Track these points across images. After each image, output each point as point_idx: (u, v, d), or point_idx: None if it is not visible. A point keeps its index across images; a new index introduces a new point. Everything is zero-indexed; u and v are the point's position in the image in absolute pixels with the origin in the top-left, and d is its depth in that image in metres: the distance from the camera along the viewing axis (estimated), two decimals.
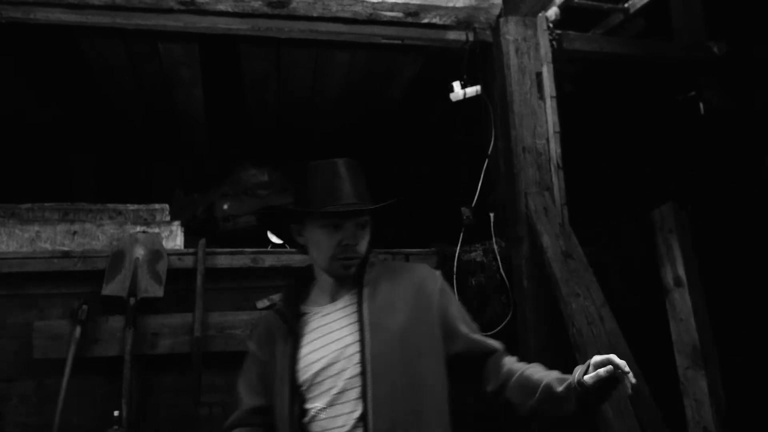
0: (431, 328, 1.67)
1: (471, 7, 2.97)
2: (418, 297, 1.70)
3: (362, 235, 1.69)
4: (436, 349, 1.66)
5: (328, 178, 1.68)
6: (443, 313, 1.71)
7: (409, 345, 1.61)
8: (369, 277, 1.70)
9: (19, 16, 2.85)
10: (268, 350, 1.73)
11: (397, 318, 1.63)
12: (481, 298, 2.91)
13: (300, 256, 2.91)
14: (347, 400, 1.57)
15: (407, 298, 1.68)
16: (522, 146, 2.87)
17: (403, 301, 1.67)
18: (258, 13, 2.89)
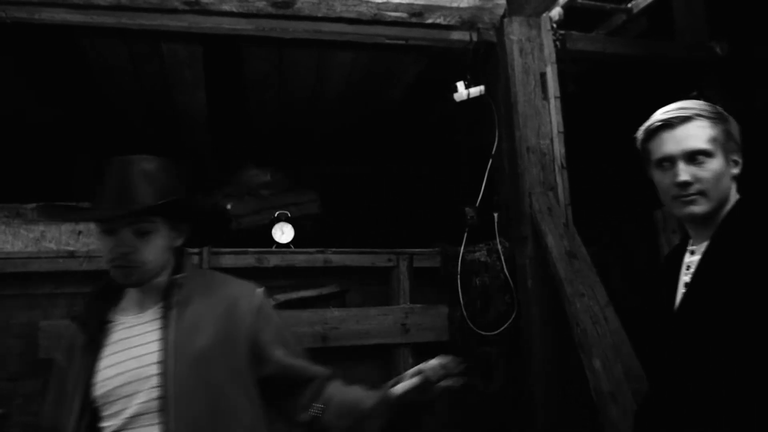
0: (239, 350, 1.56)
1: (475, 8, 2.97)
2: (227, 317, 1.58)
3: (142, 243, 1.53)
4: (244, 373, 1.56)
5: (113, 178, 1.56)
6: (254, 336, 1.59)
7: (214, 369, 1.51)
8: (180, 290, 1.58)
9: (24, 16, 2.84)
10: (70, 362, 1.59)
11: (203, 339, 1.52)
12: (485, 298, 2.91)
13: (304, 256, 2.92)
14: (142, 426, 1.46)
15: (217, 317, 1.57)
16: (526, 146, 2.88)
17: (211, 321, 1.56)
18: (262, 13, 2.89)
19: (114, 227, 1.51)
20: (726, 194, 1.58)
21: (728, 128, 1.61)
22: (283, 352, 1.62)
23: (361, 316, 2.84)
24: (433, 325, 2.93)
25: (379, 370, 2.94)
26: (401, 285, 2.94)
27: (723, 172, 1.57)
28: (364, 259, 2.95)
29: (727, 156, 1.59)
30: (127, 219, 1.51)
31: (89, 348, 1.54)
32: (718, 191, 1.56)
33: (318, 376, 1.65)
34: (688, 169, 1.56)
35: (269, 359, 1.60)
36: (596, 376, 2.35)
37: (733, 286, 1.43)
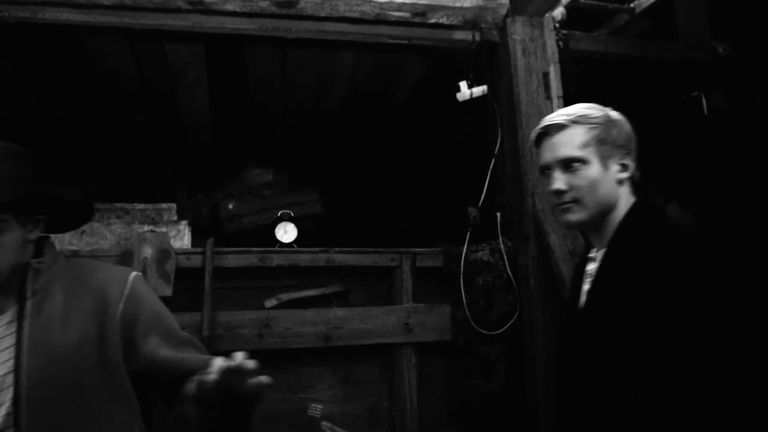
0: (110, 344, 1.39)
1: (478, 7, 2.97)
2: (95, 308, 1.41)
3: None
4: (116, 371, 1.40)
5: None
6: (125, 326, 1.41)
7: (79, 368, 1.35)
8: (35, 286, 1.39)
9: (27, 16, 2.85)
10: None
11: (68, 335, 1.36)
12: (487, 298, 2.91)
13: (307, 256, 2.93)
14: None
15: (84, 309, 1.40)
16: (529, 146, 2.87)
17: (76, 313, 1.39)
18: (266, 13, 2.89)
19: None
20: (608, 200, 1.56)
21: (607, 133, 1.59)
22: (156, 344, 1.43)
23: (364, 316, 2.85)
24: (436, 324, 2.94)
25: (382, 370, 2.95)
26: (404, 284, 2.94)
27: (600, 179, 1.55)
28: (367, 258, 2.96)
29: (604, 161, 1.57)
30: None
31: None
32: (594, 198, 1.54)
33: (199, 369, 1.34)
34: (562, 177, 1.57)
35: (139, 352, 1.41)
36: None
37: (623, 297, 1.41)
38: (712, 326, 1.28)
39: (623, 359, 1.36)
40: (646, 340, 1.33)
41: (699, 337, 1.27)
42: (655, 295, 1.34)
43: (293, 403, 2.84)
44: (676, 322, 1.29)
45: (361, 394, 2.92)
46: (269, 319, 2.75)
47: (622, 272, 1.45)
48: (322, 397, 2.87)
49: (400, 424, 2.84)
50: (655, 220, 1.52)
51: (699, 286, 1.31)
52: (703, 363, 1.26)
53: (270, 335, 2.73)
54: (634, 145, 1.64)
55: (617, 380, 1.36)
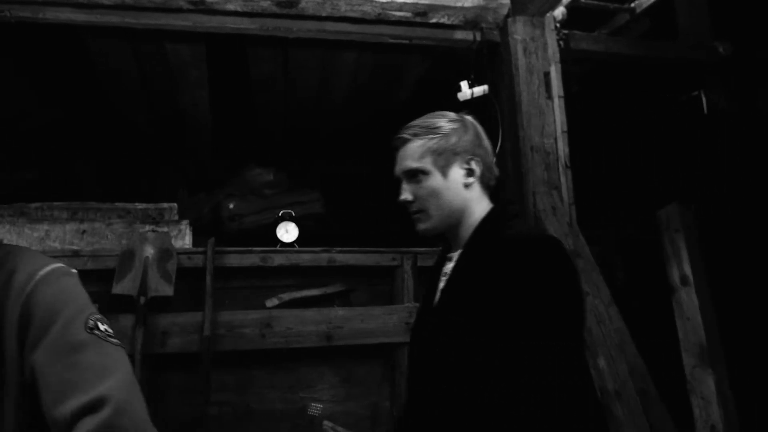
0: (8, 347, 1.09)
1: (479, 7, 2.98)
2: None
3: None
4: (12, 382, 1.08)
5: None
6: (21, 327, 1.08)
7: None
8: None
9: (28, 16, 2.85)
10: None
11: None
12: None
13: (309, 255, 2.93)
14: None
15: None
16: (530, 146, 2.88)
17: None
18: (267, 12, 2.89)
19: None
20: (454, 207, 1.59)
21: (445, 141, 1.62)
22: (44, 359, 1.05)
23: (365, 315, 2.85)
24: None
25: (384, 369, 2.95)
26: (405, 284, 2.94)
27: (442, 187, 1.58)
28: (368, 258, 2.96)
29: (444, 170, 1.60)
30: None
31: None
32: (439, 207, 1.58)
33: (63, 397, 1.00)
34: (408, 188, 1.61)
35: (27, 363, 1.07)
36: (601, 374, 2.36)
37: (467, 296, 1.46)
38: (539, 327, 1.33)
39: (462, 356, 1.41)
40: (482, 337, 1.38)
41: (526, 337, 1.32)
42: (492, 295, 1.39)
43: (294, 402, 2.84)
44: (508, 321, 1.35)
45: (362, 394, 2.91)
46: (271, 318, 2.75)
47: (470, 273, 1.50)
48: (323, 396, 2.87)
49: None
50: (504, 226, 1.56)
51: (534, 289, 1.36)
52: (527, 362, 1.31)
53: (272, 335, 2.73)
54: (481, 148, 1.66)
55: (456, 376, 1.41)
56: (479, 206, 1.62)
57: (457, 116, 1.71)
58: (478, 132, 1.70)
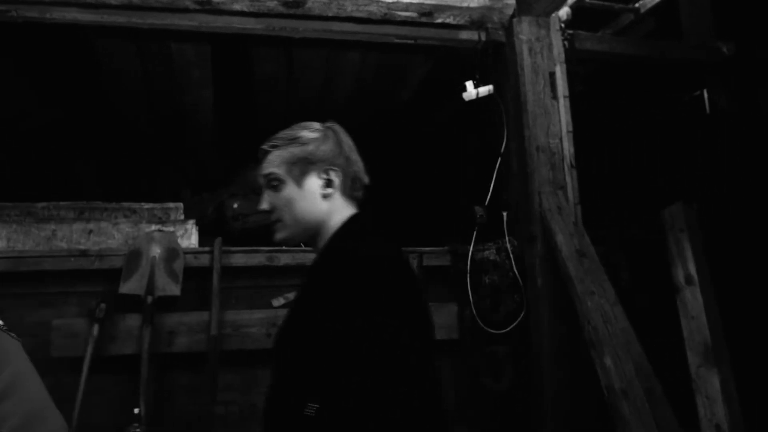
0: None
1: (485, 7, 2.99)
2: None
3: None
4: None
5: None
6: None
7: None
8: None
9: (35, 16, 2.85)
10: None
11: None
12: (494, 297, 2.92)
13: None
14: None
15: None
16: (536, 145, 2.89)
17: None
18: (273, 12, 2.90)
19: None
20: (310, 217, 1.60)
21: (301, 151, 1.64)
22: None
23: None
24: (443, 323, 2.94)
25: None
26: None
27: (295, 198, 1.60)
28: None
29: (298, 180, 1.62)
30: None
31: None
32: (292, 217, 1.60)
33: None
34: (267, 197, 1.64)
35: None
36: (607, 373, 2.37)
37: (293, 310, 1.52)
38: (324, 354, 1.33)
39: (277, 365, 1.46)
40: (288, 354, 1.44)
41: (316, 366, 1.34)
42: (302, 312, 1.45)
43: None
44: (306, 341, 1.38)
45: None
46: (277, 318, 2.75)
47: (302, 287, 1.55)
48: None
49: None
50: (344, 240, 1.57)
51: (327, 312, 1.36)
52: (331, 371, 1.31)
53: None
54: (341, 157, 1.67)
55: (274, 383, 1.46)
56: (339, 217, 1.62)
57: (321, 126, 1.75)
58: (340, 141, 1.71)
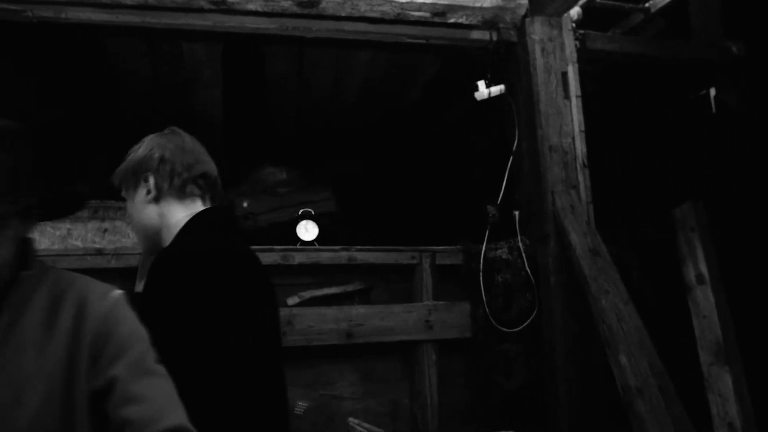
0: (79, 370, 1.15)
1: (497, 7, 3.00)
2: (73, 326, 1.18)
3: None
4: (82, 401, 1.15)
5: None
6: (97, 347, 1.18)
7: (51, 399, 1.12)
8: (12, 299, 1.16)
9: (50, 16, 2.86)
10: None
11: (43, 360, 1.13)
12: (507, 296, 2.94)
13: (328, 254, 2.95)
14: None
15: (61, 329, 1.17)
16: (548, 145, 2.91)
17: (55, 335, 1.16)
18: (287, 12, 2.91)
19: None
20: (145, 224, 1.68)
21: (128, 164, 1.71)
22: (126, 374, 1.16)
23: (385, 313, 2.87)
24: (456, 322, 2.96)
25: (403, 367, 2.97)
26: (424, 282, 2.96)
27: (131, 209, 1.70)
28: (388, 256, 2.97)
29: (129, 192, 1.70)
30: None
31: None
32: (135, 227, 1.70)
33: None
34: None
35: (102, 375, 1.16)
36: (623, 371, 2.38)
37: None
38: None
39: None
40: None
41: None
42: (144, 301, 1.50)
43: (314, 399, 2.86)
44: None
45: (382, 391, 2.93)
46: (292, 316, 2.76)
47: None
48: (343, 393, 2.89)
49: (422, 421, 2.86)
50: (178, 238, 1.62)
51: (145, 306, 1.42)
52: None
53: (293, 332, 2.75)
54: (153, 160, 1.72)
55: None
56: (175, 219, 1.66)
57: (152, 136, 1.82)
58: (154, 144, 1.76)
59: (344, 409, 2.88)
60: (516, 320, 2.91)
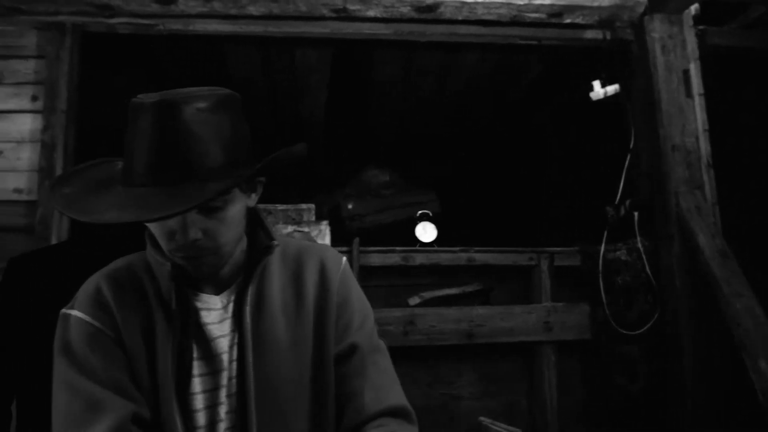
0: (329, 334, 1.18)
1: (615, 6, 2.96)
2: (316, 292, 1.20)
3: (214, 222, 1.06)
4: (329, 364, 1.18)
5: (143, 140, 1.00)
6: (338, 311, 1.20)
7: (302, 365, 1.15)
8: (258, 270, 1.16)
9: (179, 28, 3.01)
10: (137, 334, 1.10)
11: (290, 327, 1.16)
12: (627, 297, 2.90)
13: (448, 255, 2.99)
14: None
15: (303, 294, 1.19)
16: (671, 145, 2.85)
17: (299, 301, 1.18)
18: (405, 18, 2.96)
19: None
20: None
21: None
22: (362, 342, 1.19)
23: (505, 314, 2.89)
24: (575, 323, 2.95)
25: (521, 368, 2.98)
26: (543, 283, 2.96)
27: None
28: (506, 258, 2.99)
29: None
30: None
31: (171, 329, 1.10)
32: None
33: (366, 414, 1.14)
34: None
35: (345, 340, 1.19)
36: (762, 377, 2.32)
37: None
38: None
39: None
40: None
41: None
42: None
43: (434, 398, 2.91)
44: None
45: (499, 391, 2.95)
46: (413, 316, 2.81)
47: None
48: (462, 393, 2.93)
49: (541, 422, 2.86)
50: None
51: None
52: None
53: (414, 332, 2.80)
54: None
55: None
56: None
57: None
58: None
59: (463, 408, 2.91)
60: (637, 322, 2.87)
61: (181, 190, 0.96)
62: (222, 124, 1.03)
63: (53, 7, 2.92)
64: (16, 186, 2.93)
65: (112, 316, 1.09)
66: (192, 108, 1.00)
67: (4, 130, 2.98)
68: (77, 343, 1.06)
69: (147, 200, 0.96)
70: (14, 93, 3.01)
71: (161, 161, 0.98)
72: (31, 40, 3.03)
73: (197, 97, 1.02)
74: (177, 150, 0.98)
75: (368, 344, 1.20)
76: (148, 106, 1.00)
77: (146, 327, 1.10)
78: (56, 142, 2.91)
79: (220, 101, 1.04)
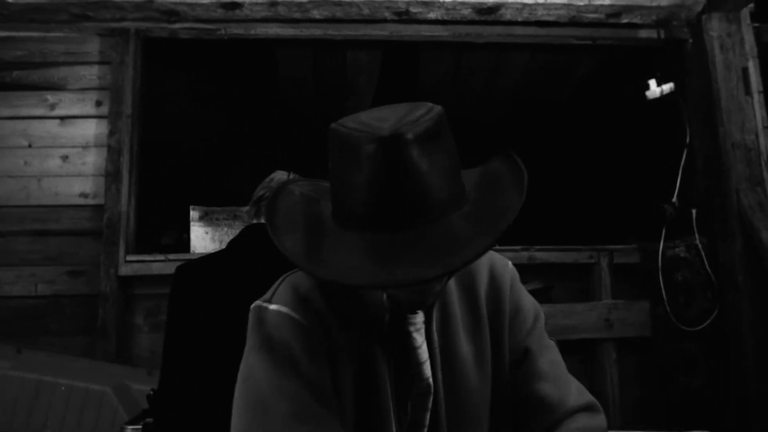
0: (502, 348, 1.16)
1: (674, 5, 2.99)
2: (490, 307, 1.16)
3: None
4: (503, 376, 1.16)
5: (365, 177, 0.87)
6: (510, 320, 1.18)
7: (481, 379, 1.13)
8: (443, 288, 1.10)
9: (240, 33, 3.07)
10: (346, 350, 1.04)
11: (469, 343, 1.14)
12: (687, 294, 2.93)
13: (509, 254, 3.01)
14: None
15: (477, 306, 1.16)
16: (731, 142, 2.87)
17: (474, 316, 1.15)
18: (465, 20, 3.00)
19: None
20: None
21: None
22: (535, 346, 1.17)
23: (567, 312, 2.92)
24: (635, 320, 2.98)
25: (581, 365, 3.01)
26: (603, 281, 2.99)
27: None
28: (566, 256, 3.02)
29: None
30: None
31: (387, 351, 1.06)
32: None
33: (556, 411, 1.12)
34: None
35: (518, 345, 1.17)
36: None
37: None
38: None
39: None
40: None
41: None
42: None
43: None
44: None
45: None
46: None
47: None
48: None
49: None
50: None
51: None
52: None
53: None
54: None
55: None
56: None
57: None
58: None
59: None
60: (696, 319, 2.89)
61: (421, 234, 0.86)
62: (443, 151, 0.91)
63: (120, 14, 2.98)
64: (82, 191, 3.00)
65: (324, 321, 1.02)
66: (417, 140, 0.87)
67: (69, 135, 3.05)
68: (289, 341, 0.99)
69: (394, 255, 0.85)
70: (78, 99, 3.08)
71: (390, 201, 0.86)
72: (95, 47, 3.11)
73: (416, 123, 0.88)
74: (405, 188, 0.86)
75: (542, 345, 1.18)
76: (368, 139, 0.87)
77: (357, 345, 1.04)
78: (122, 146, 2.97)
79: (437, 124, 0.91)
